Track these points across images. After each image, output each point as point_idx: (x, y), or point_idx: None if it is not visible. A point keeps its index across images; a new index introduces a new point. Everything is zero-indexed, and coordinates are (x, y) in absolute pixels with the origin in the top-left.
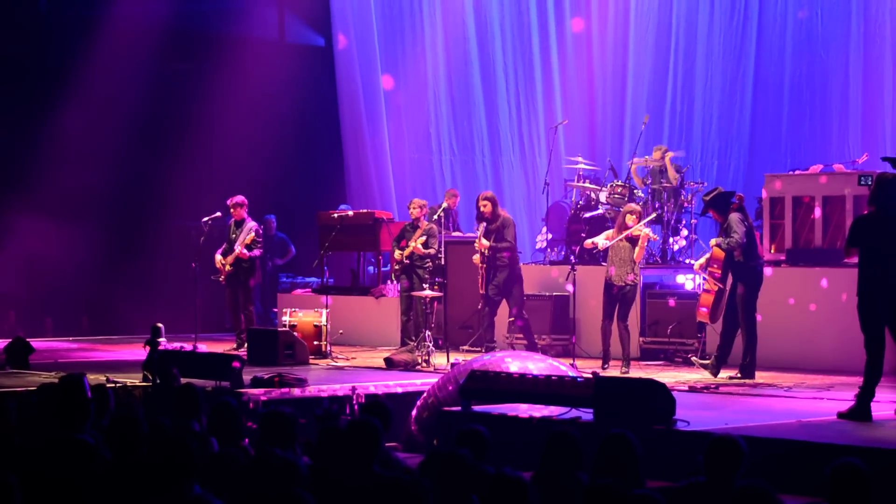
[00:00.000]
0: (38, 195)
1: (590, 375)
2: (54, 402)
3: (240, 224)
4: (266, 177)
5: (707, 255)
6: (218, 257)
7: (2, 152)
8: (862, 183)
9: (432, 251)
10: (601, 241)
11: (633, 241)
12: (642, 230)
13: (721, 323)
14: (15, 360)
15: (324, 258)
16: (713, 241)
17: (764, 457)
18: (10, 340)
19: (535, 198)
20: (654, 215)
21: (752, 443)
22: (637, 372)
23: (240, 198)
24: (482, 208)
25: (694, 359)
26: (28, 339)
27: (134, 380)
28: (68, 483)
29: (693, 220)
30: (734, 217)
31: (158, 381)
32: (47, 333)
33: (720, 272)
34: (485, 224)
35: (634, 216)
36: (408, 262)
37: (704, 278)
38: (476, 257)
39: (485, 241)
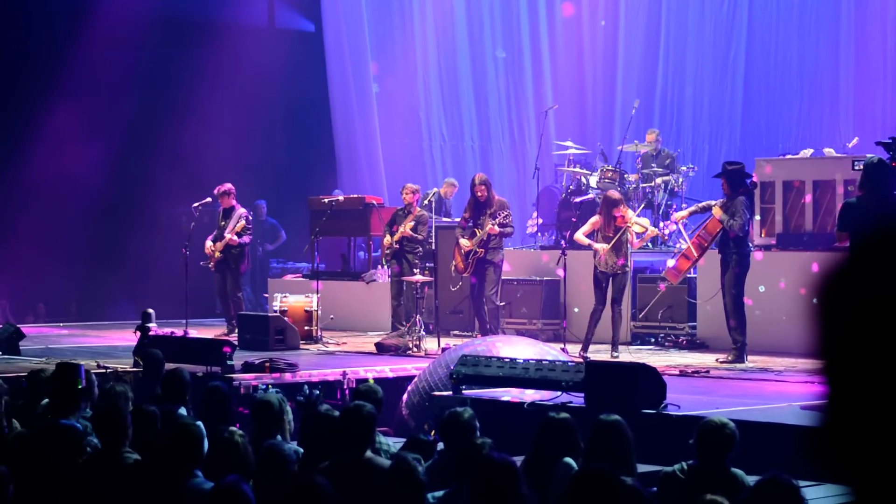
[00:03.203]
0: (27, 181)
1: (580, 360)
2: (48, 388)
3: (229, 212)
4: (256, 162)
5: (691, 209)
6: (208, 244)
7: None
8: (856, 167)
9: (420, 237)
10: (601, 247)
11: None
12: (644, 226)
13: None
14: (5, 346)
15: (314, 243)
16: (716, 210)
17: (755, 440)
18: (0, 326)
19: (526, 182)
20: (641, 207)
21: (744, 426)
22: (628, 356)
23: (227, 186)
24: (478, 193)
25: (721, 363)
26: (19, 325)
27: (125, 365)
28: (56, 469)
29: (683, 205)
30: (741, 200)
31: (143, 367)
32: (39, 319)
33: (706, 243)
34: (470, 216)
35: (620, 206)
36: (398, 246)
37: (685, 240)
38: (465, 242)
39: (465, 242)
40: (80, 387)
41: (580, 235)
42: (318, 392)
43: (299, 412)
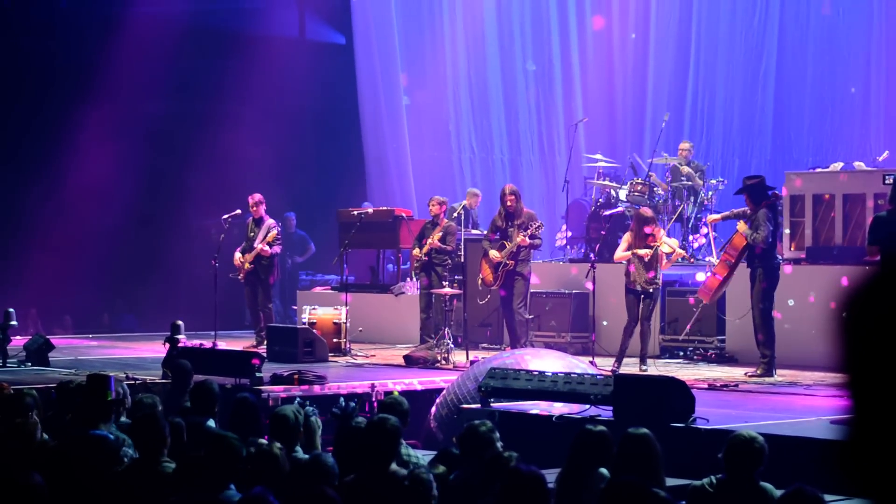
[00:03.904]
0: (58, 192)
1: (609, 373)
2: (78, 399)
3: (259, 222)
4: (286, 174)
5: (724, 214)
6: (237, 255)
7: (21, 149)
8: (886, 181)
9: (449, 248)
10: (645, 252)
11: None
12: (672, 247)
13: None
14: (35, 358)
15: (343, 255)
16: (740, 226)
17: (784, 455)
18: (30, 337)
19: (555, 195)
20: (671, 222)
21: (773, 440)
22: (656, 370)
23: (258, 196)
24: (508, 203)
25: (750, 377)
26: (48, 337)
27: (154, 377)
28: (89, 479)
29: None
30: (763, 213)
31: (171, 378)
32: (68, 330)
33: (734, 260)
34: (500, 227)
35: (652, 225)
36: (427, 259)
37: (712, 252)
38: (494, 254)
39: (495, 254)
40: (110, 398)
41: (619, 254)
42: (353, 405)
43: (334, 424)
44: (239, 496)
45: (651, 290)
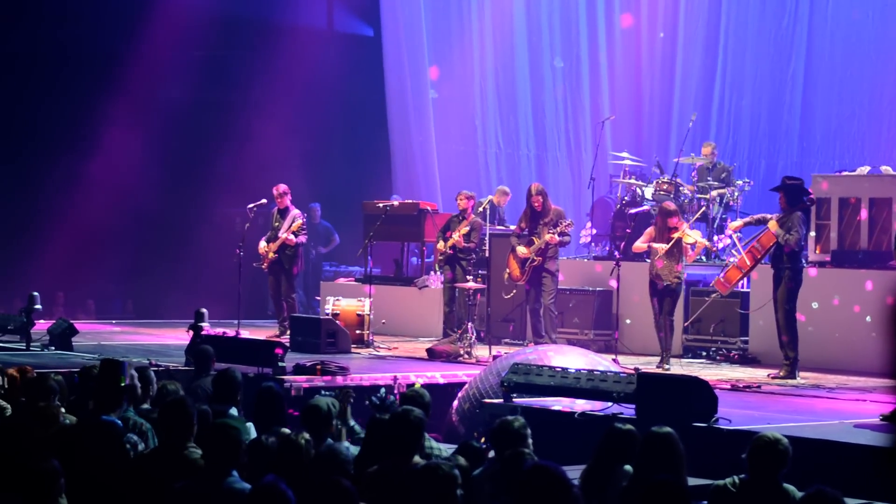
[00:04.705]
0: (84, 178)
1: (632, 371)
2: (91, 384)
3: (283, 212)
4: (311, 165)
5: (746, 220)
6: (262, 244)
7: (49, 136)
8: None
9: (472, 245)
10: (661, 246)
11: (678, 243)
12: (694, 237)
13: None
14: (59, 342)
15: (368, 247)
16: (772, 224)
17: (806, 457)
18: (54, 321)
19: (580, 193)
20: (694, 218)
21: (795, 443)
22: (679, 369)
23: (284, 186)
24: (534, 203)
25: (773, 378)
26: (72, 321)
27: (177, 364)
28: (95, 465)
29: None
30: (798, 215)
31: (193, 363)
32: (91, 316)
33: (759, 255)
34: (526, 225)
35: (675, 217)
36: (451, 252)
37: (739, 251)
38: (522, 250)
39: (522, 250)
40: (123, 384)
41: (638, 244)
42: (393, 398)
43: (369, 413)
44: (241, 483)
45: (673, 286)
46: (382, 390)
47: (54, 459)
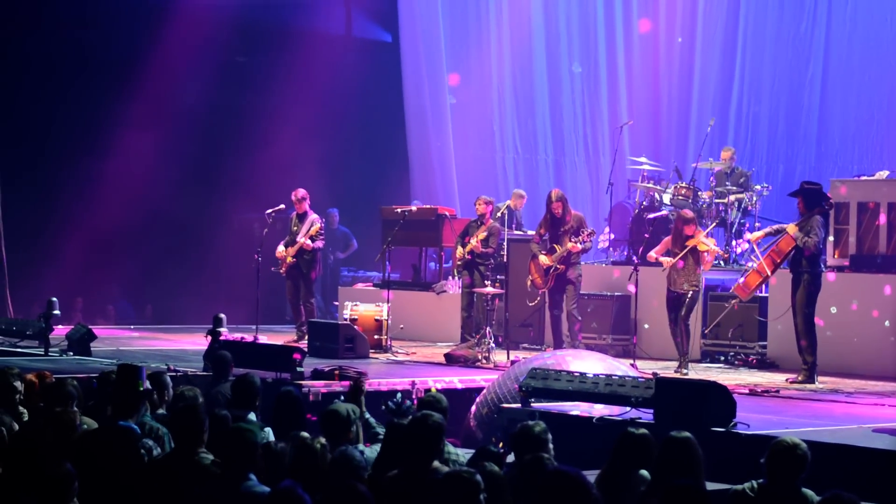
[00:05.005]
0: (104, 183)
1: (650, 376)
2: (108, 389)
3: (302, 217)
4: (330, 170)
5: (766, 231)
6: (280, 248)
7: (68, 140)
8: None
9: (490, 250)
10: (666, 260)
11: (693, 251)
12: (708, 245)
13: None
14: (77, 347)
15: (386, 253)
16: (791, 228)
17: (825, 462)
18: (72, 327)
19: (599, 197)
20: (713, 225)
21: (814, 447)
22: (697, 374)
23: (302, 191)
24: (555, 210)
25: (791, 383)
26: (90, 327)
27: (195, 369)
28: (115, 469)
29: (757, 224)
30: (818, 220)
31: (212, 368)
32: (110, 321)
33: (779, 260)
34: (545, 232)
35: (692, 226)
36: (469, 257)
37: (758, 257)
38: (544, 259)
39: (544, 259)
40: (141, 389)
41: (651, 253)
42: (410, 403)
43: (385, 418)
44: (260, 486)
45: (690, 294)
46: (398, 395)
47: (68, 464)
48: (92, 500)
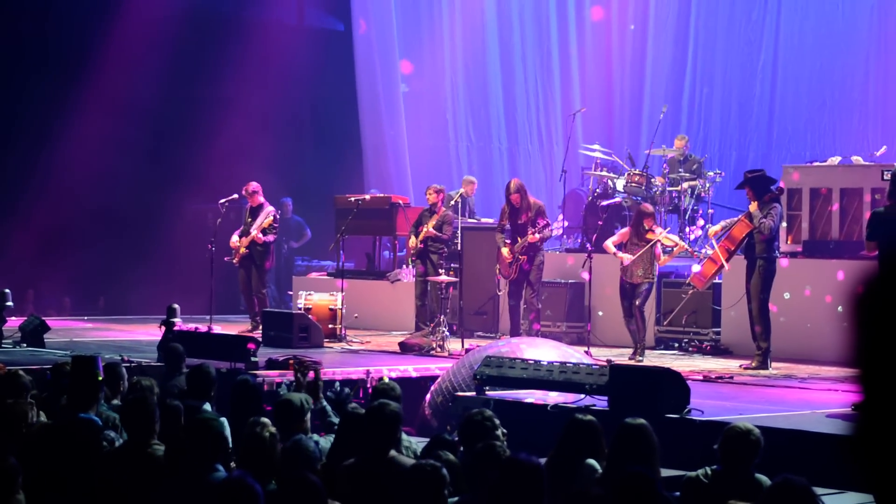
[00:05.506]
0: (54, 175)
1: (605, 363)
2: (66, 381)
3: (256, 210)
4: (283, 160)
5: (724, 224)
6: (234, 238)
7: (18, 132)
8: (885, 177)
9: (444, 236)
10: (626, 257)
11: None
12: (677, 241)
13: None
14: (30, 339)
15: (340, 242)
16: (752, 207)
17: (778, 447)
18: (25, 318)
19: (552, 185)
20: (667, 230)
21: (767, 433)
22: (652, 361)
23: (254, 185)
24: (513, 200)
25: (745, 369)
26: (44, 318)
27: (149, 360)
28: (74, 463)
29: (710, 210)
30: (777, 207)
31: (164, 361)
32: (63, 312)
33: (733, 247)
34: (507, 223)
35: (651, 220)
36: (423, 246)
37: (712, 246)
38: (506, 253)
39: (506, 253)
40: (99, 378)
41: (609, 244)
42: (348, 391)
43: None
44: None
45: (644, 286)
46: (337, 384)
47: (12, 457)
48: (54, 493)
